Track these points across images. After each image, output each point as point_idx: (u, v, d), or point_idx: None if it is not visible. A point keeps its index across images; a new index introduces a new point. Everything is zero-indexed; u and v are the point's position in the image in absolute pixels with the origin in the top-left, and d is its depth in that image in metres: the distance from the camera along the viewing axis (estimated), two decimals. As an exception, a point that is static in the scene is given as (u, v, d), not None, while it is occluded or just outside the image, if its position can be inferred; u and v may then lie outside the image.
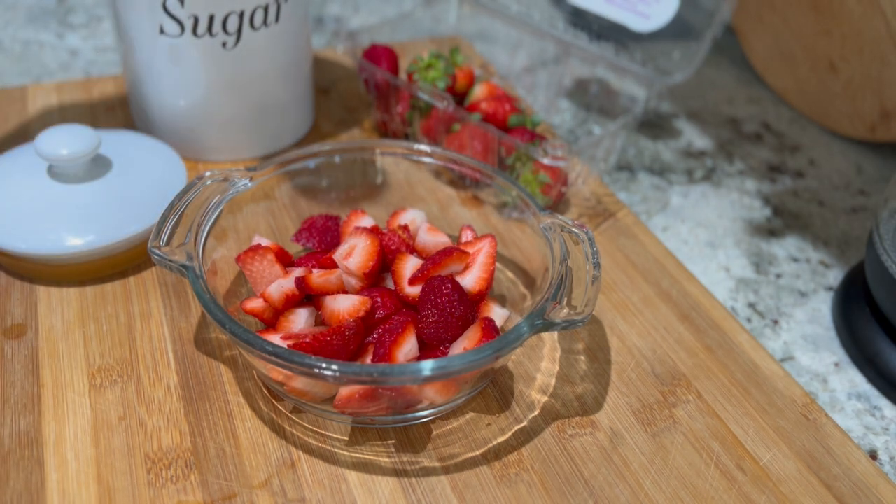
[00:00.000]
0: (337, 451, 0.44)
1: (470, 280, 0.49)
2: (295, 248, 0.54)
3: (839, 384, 0.53)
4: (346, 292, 0.48)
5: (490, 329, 0.45)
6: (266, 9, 0.59)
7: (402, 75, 0.70)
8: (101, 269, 0.53)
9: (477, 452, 0.45)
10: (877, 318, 0.54)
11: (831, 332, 0.57)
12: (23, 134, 0.67)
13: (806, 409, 0.49)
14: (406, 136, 0.69)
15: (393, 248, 0.50)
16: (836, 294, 0.59)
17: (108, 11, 0.87)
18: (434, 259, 0.48)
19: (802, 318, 0.58)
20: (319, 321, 0.48)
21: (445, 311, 0.45)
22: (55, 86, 0.73)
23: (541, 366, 0.50)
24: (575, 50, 0.74)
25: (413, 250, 0.51)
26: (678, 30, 0.69)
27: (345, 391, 0.42)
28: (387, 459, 0.44)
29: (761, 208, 0.68)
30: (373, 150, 0.55)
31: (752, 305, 0.58)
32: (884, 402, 0.52)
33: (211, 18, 0.57)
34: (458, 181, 0.58)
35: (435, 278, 0.47)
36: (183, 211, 0.47)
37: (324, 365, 0.39)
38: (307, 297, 0.48)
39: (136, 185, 0.56)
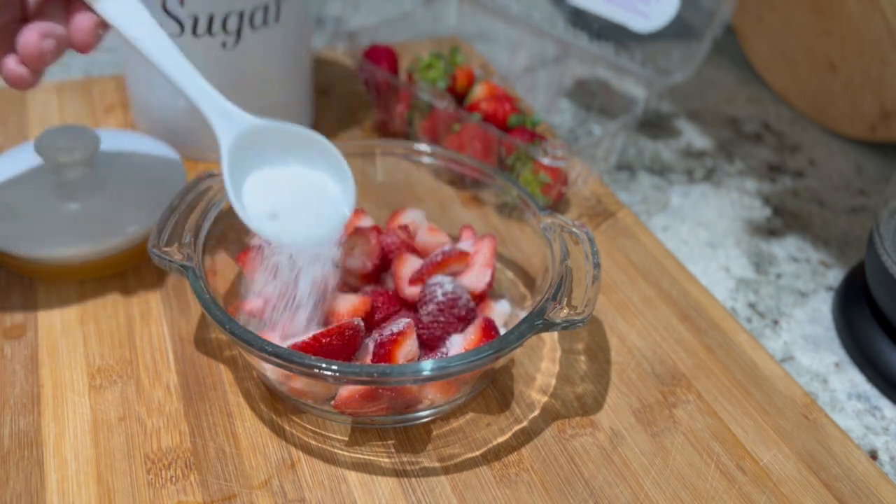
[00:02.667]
0: (337, 451, 0.44)
1: (470, 280, 0.49)
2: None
3: (839, 384, 0.53)
4: (346, 292, 0.48)
5: (490, 329, 0.45)
6: (266, 9, 0.59)
7: (402, 75, 0.70)
8: (101, 269, 0.53)
9: (477, 453, 0.45)
10: (877, 318, 0.54)
11: (831, 332, 0.57)
12: (22, 134, 0.67)
13: (806, 410, 0.49)
14: (406, 136, 0.69)
15: (393, 248, 0.50)
16: (836, 294, 0.59)
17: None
18: (434, 259, 0.48)
19: (802, 318, 0.58)
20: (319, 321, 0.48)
21: (445, 311, 0.45)
22: (55, 86, 0.73)
23: (541, 366, 0.50)
24: (575, 50, 0.74)
25: (413, 250, 0.51)
26: (678, 30, 0.69)
27: (345, 391, 0.42)
28: (387, 460, 0.44)
29: (761, 208, 0.68)
30: (373, 150, 0.55)
31: (752, 305, 0.58)
32: (884, 402, 0.52)
33: (211, 18, 0.57)
34: (458, 181, 0.58)
35: (435, 278, 0.47)
36: (183, 211, 0.47)
37: (324, 365, 0.39)
38: (307, 297, 0.48)
39: (136, 185, 0.56)
